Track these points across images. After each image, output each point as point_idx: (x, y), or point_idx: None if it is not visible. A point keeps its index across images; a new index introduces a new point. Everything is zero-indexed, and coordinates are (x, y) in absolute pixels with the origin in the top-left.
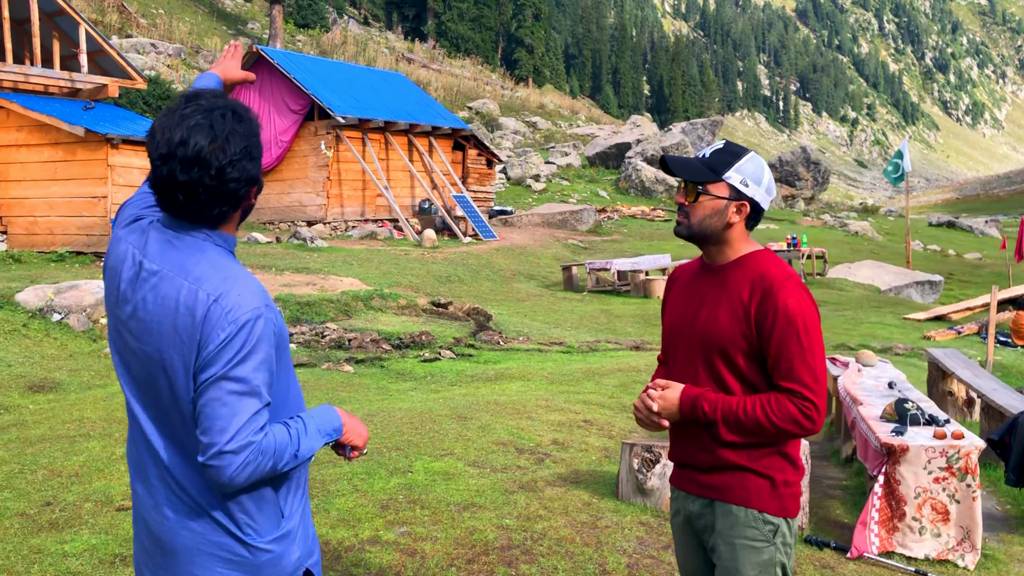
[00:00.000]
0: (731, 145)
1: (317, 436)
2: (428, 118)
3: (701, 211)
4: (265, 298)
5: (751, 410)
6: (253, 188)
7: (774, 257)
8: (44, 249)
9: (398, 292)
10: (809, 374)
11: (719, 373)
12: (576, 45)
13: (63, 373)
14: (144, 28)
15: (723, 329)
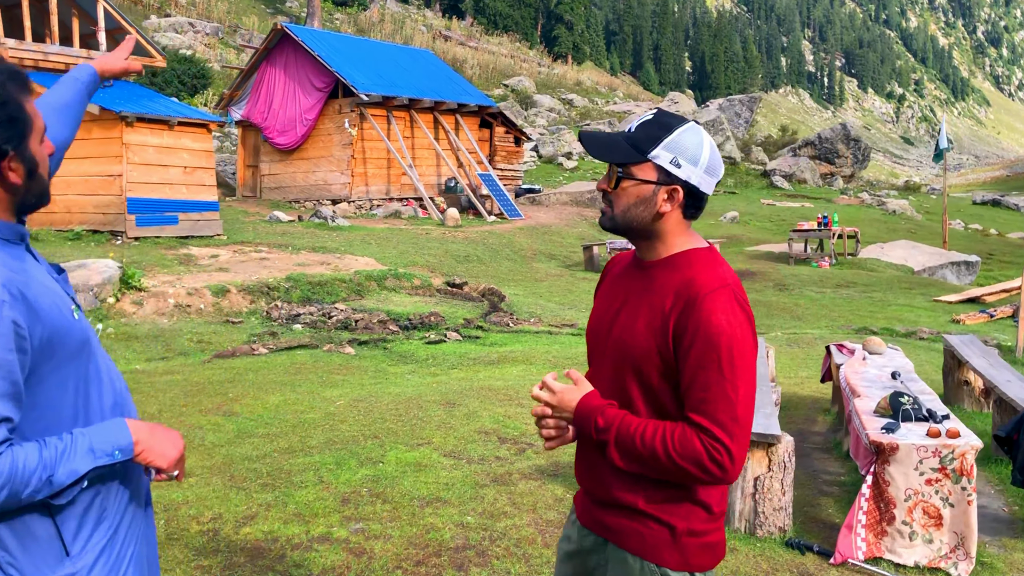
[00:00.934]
0: (663, 115)
1: (87, 457)
2: (454, 95)
3: (624, 199)
4: (1, 294)
5: (650, 438)
6: (4, 162)
7: (713, 258)
8: (62, 227)
9: (413, 272)
10: (727, 410)
11: (627, 391)
12: (617, 21)
13: None
14: (182, 7)
15: (638, 341)
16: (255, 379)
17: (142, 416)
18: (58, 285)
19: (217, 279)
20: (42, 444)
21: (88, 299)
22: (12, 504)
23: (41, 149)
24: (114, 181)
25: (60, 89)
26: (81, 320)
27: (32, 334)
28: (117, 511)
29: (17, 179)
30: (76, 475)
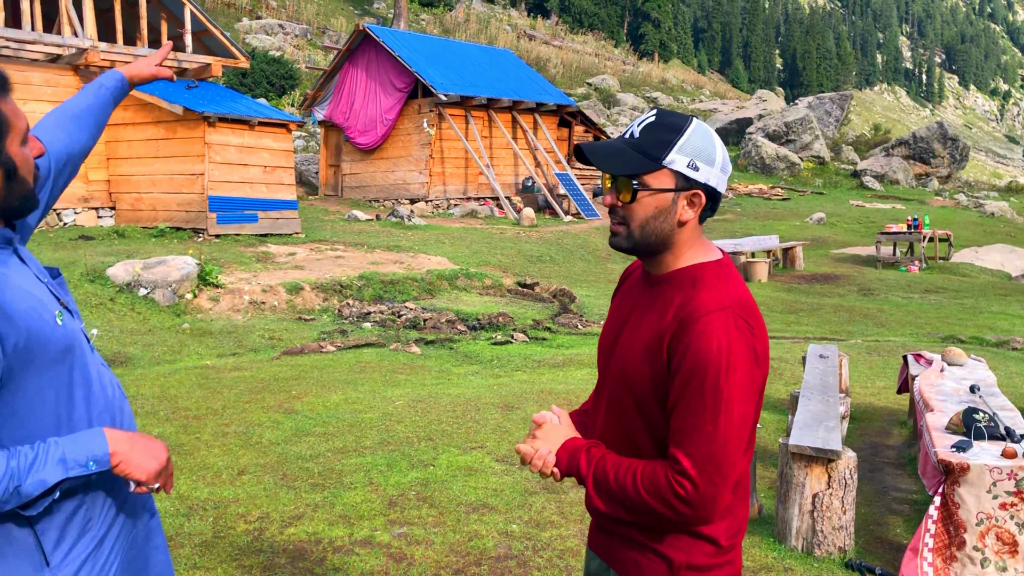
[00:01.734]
0: (667, 115)
1: (58, 467)
2: (533, 95)
3: (642, 212)
4: None
5: (622, 475)
6: None
7: (721, 274)
8: (148, 224)
9: (485, 272)
10: (702, 443)
11: (627, 421)
12: (705, 19)
13: (137, 348)
14: (273, 10)
15: (635, 364)
16: (319, 377)
17: (206, 412)
18: (45, 289)
19: (292, 277)
20: (11, 453)
21: (166, 295)
22: None
23: (23, 151)
24: (196, 180)
25: (82, 95)
26: (67, 325)
27: (5, 340)
28: (104, 521)
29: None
30: (45, 486)
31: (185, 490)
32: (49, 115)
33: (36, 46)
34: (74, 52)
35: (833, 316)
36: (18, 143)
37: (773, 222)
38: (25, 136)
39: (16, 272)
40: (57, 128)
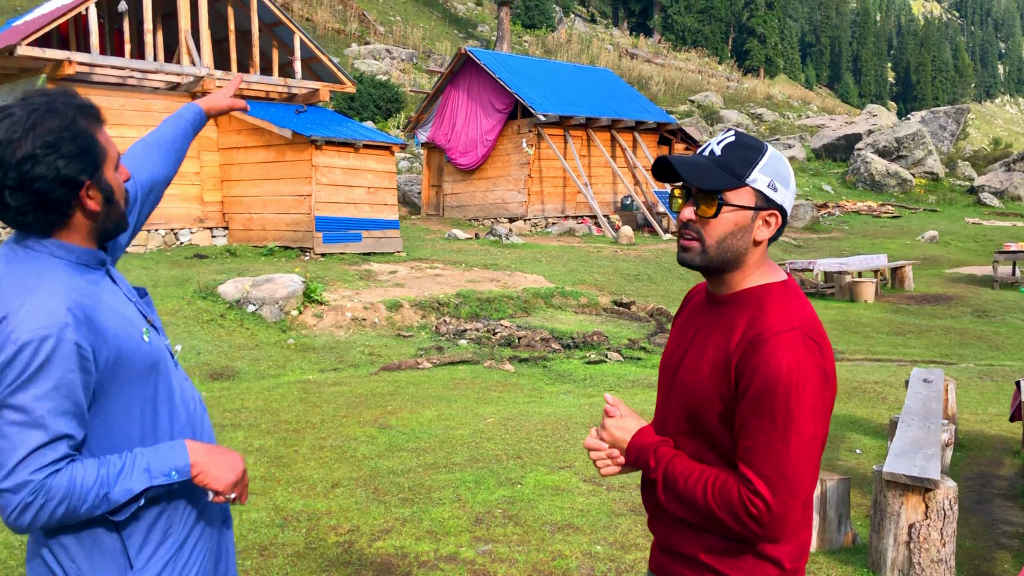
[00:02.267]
0: (744, 136)
1: (143, 476)
2: (632, 113)
3: (721, 228)
4: (65, 317)
5: (693, 483)
6: (82, 191)
7: (788, 294)
8: (258, 244)
9: (581, 290)
10: (773, 463)
11: (695, 439)
12: (813, 32)
13: (244, 362)
14: (381, 35)
15: (701, 382)
16: (414, 393)
17: (305, 425)
18: (134, 308)
19: (392, 294)
20: (101, 462)
21: (273, 311)
22: (70, 519)
23: (116, 176)
24: (304, 201)
25: (164, 127)
26: (152, 342)
27: (97, 355)
28: (183, 528)
29: (95, 206)
30: (131, 493)
31: (281, 501)
32: (136, 144)
33: (158, 75)
34: (191, 80)
35: (943, 338)
36: (112, 170)
37: (882, 240)
38: (117, 163)
39: (108, 292)
40: (144, 157)
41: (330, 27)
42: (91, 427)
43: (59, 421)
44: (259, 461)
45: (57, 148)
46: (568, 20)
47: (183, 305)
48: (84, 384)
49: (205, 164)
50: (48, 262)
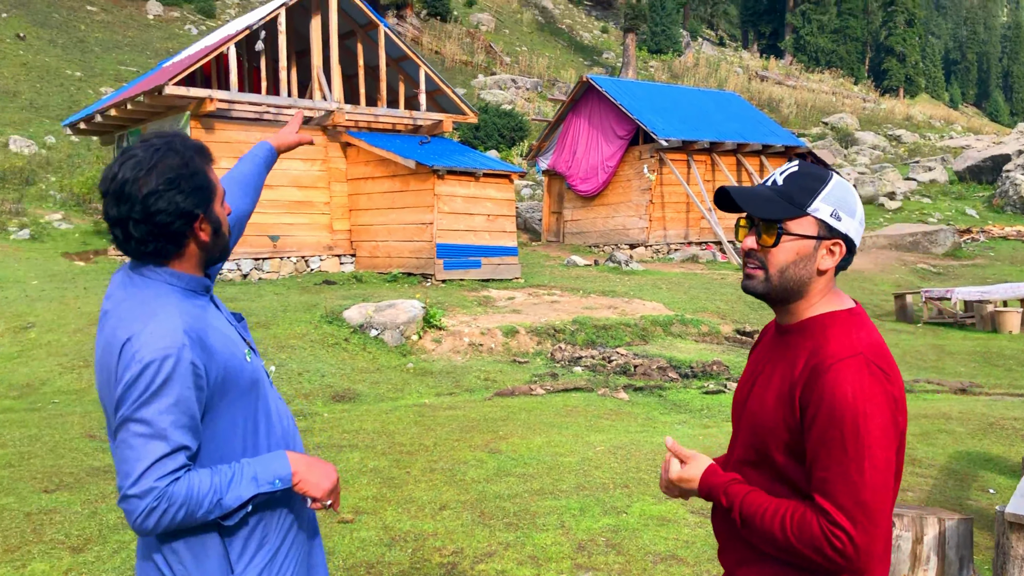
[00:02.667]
0: (808, 166)
1: (251, 484)
2: (759, 136)
3: (783, 257)
4: (182, 338)
5: (769, 519)
6: (196, 223)
7: (853, 321)
8: (383, 270)
9: (701, 318)
10: (849, 493)
11: (762, 469)
12: (958, 49)
13: (365, 385)
14: (507, 65)
15: (767, 413)
16: (526, 419)
17: (418, 448)
18: (235, 331)
19: (509, 320)
20: (214, 471)
21: (394, 336)
22: (188, 523)
23: (222, 211)
24: (426, 228)
25: (242, 166)
26: (253, 363)
27: (208, 374)
28: (278, 536)
29: (206, 237)
30: (241, 500)
31: (390, 521)
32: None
33: (291, 110)
34: (323, 114)
35: None
36: (219, 204)
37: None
38: (223, 199)
39: (213, 316)
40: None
41: (458, 59)
42: (202, 439)
43: (178, 433)
44: (372, 481)
45: (177, 184)
46: (695, 44)
47: (310, 329)
48: (198, 400)
49: (335, 194)
50: (163, 288)
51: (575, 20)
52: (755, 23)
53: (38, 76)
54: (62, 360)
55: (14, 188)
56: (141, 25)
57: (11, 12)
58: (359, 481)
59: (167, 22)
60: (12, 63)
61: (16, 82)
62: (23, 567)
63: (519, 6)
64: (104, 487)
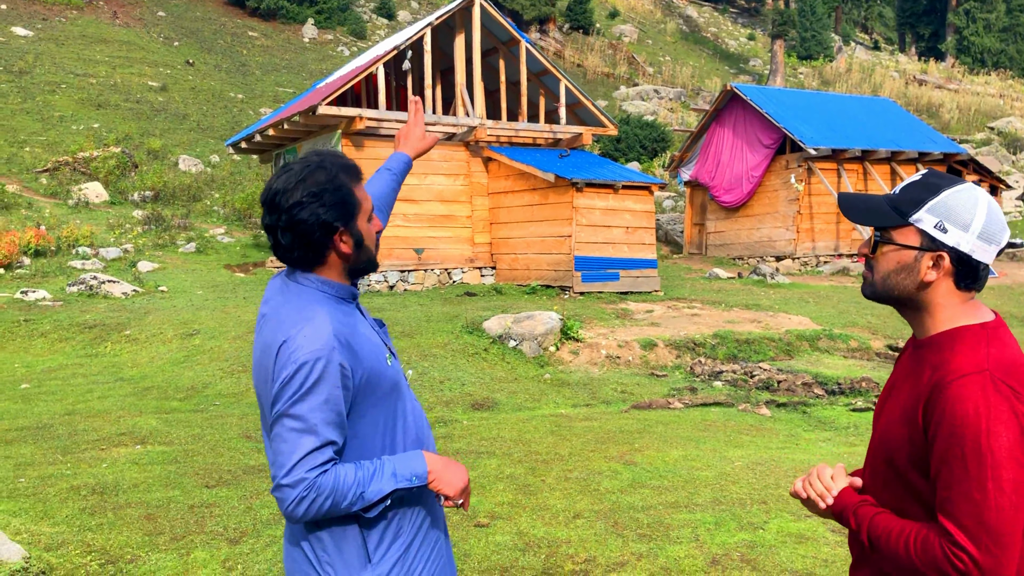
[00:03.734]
0: (932, 176)
1: (391, 479)
2: (915, 144)
3: (884, 265)
4: (332, 342)
5: (895, 540)
6: (336, 235)
7: (981, 337)
8: (522, 282)
9: (851, 333)
10: (972, 513)
11: (893, 487)
12: None
13: (503, 394)
14: (650, 76)
15: (895, 429)
16: (663, 432)
17: (553, 457)
18: (378, 336)
19: (647, 333)
20: (357, 466)
21: (532, 347)
22: (333, 512)
23: (368, 227)
24: (564, 241)
25: (377, 184)
26: (394, 367)
27: (354, 375)
28: (411, 531)
29: (347, 249)
30: (382, 493)
31: (525, 527)
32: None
33: (436, 127)
34: (466, 130)
35: None
36: (364, 220)
37: None
38: (370, 215)
39: (360, 322)
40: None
41: (599, 71)
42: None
43: (328, 429)
44: (508, 488)
45: (320, 198)
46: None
47: (452, 339)
48: (344, 399)
49: (476, 208)
50: (316, 295)
51: (720, 28)
52: (913, 24)
53: (205, 99)
54: (223, 365)
55: (182, 204)
56: (297, 48)
57: (182, 40)
58: (495, 487)
59: (321, 44)
60: (182, 87)
61: (185, 105)
62: (187, 555)
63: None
64: (258, 484)
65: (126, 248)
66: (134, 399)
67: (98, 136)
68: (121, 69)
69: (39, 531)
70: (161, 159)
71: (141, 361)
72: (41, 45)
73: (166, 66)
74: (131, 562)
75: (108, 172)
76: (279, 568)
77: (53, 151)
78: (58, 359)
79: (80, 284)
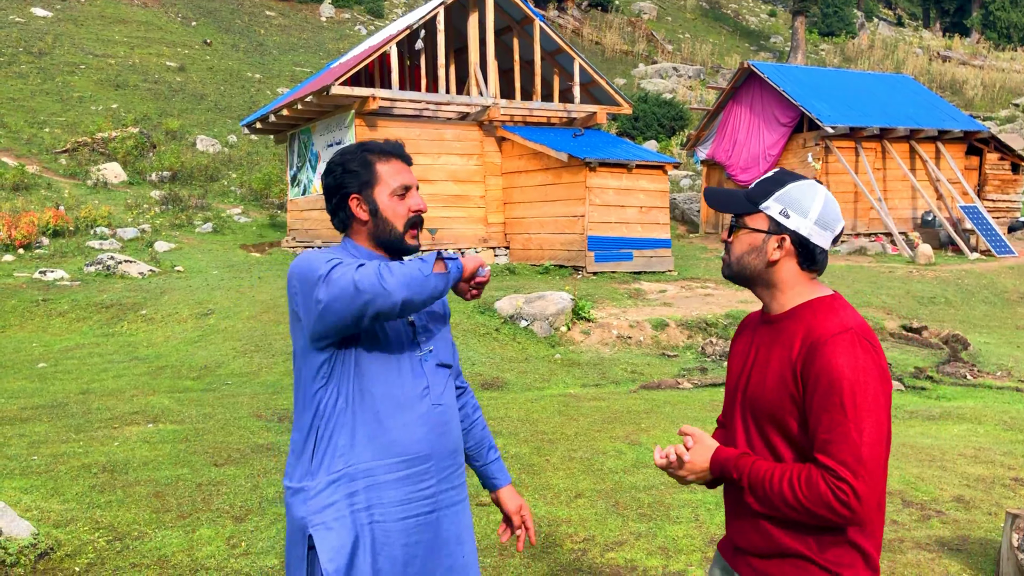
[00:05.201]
0: (781, 173)
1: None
2: (935, 121)
3: (739, 247)
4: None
5: (777, 481)
6: (350, 199)
7: (834, 306)
8: (535, 262)
9: (865, 313)
10: (850, 450)
11: (771, 442)
12: None
13: (513, 374)
14: (668, 53)
15: (771, 392)
16: (670, 412)
17: (559, 437)
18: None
19: (659, 313)
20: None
21: (543, 327)
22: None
23: (392, 202)
24: (578, 221)
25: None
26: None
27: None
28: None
29: (363, 215)
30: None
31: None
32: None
33: (450, 106)
34: (479, 110)
35: None
36: (386, 195)
37: None
38: (400, 191)
39: None
40: None
41: (618, 49)
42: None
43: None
44: (512, 467)
45: (343, 165)
46: (871, 25)
47: (463, 319)
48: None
49: (490, 188)
50: (340, 252)
51: (741, 4)
52: (938, 0)
53: (222, 79)
54: (236, 345)
55: (200, 184)
56: (315, 27)
57: (199, 20)
58: (510, 467)
59: (339, 23)
60: (200, 67)
61: (203, 85)
62: (193, 532)
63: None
64: (266, 463)
65: (143, 228)
66: (148, 378)
67: (116, 116)
68: (139, 49)
69: (49, 508)
70: (179, 139)
71: (156, 340)
72: (60, 26)
73: (184, 46)
74: (138, 539)
75: (126, 152)
76: (281, 546)
77: (72, 132)
78: (75, 338)
79: (97, 264)
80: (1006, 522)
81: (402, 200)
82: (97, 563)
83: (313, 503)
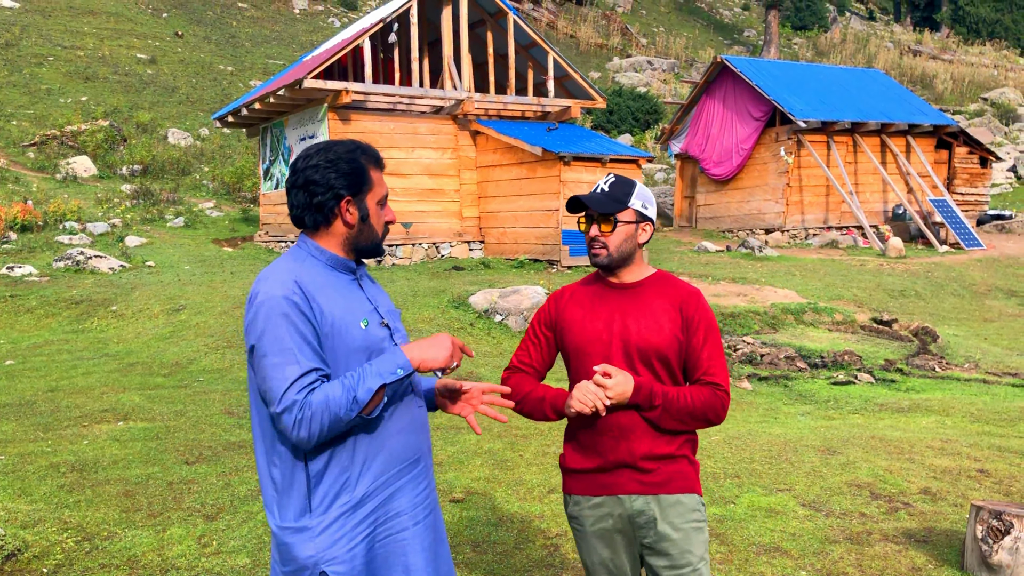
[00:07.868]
0: (621, 177)
1: (375, 377)
2: (905, 115)
3: (618, 238)
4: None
5: (688, 400)
6: (342, 203)
7: (673, 275)
8: (510, 256)
9: (836, 306)
10: (722, 368)
11: (657, 373)
12: None
13: (488, 369)
14: (643, 47)
15: (663, 337)
16: None
17: (533, 432)
18: (364, 305)
19: None
20: (342, 378)
21: (518, 321)
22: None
23: (378, 210)
24: (551, 215)
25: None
26: (369, 331)
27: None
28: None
29: (352, 220)
30: (371, 391)
31: (499, 502)
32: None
33: (424, 100)
34: (453, 103)
35: None
36: (375, 202)
37: None
38: (383, 200)
39: (343, 287)
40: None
41: (593, 42)
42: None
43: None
44: (485, 463)
45: (335, 165)
46: (843, 19)
47: (437, 314)
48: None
49: (464, 182)
50: (302, 256)
51: None
52: None
53: (194, 72)
54: (208, 341)
55: (171, 178)
56: (287, 19)
57: (171, 12)
58: (473, 462)
59: (312, 16)
60: (171, 60)
61: (175, 78)
62: (163, 531)
63: None
64: (237, 461)
65: (114, 223)
66: (118, 375)
67: (86, 109)
68: (109, 41)
69: (16, 508)
70: (150, 133)
71: (127, 337)
72: (27, 17)
73: (155, 38)
74: (107, 539)
75: (96, 146)
76: (253, 544)
77: (40, 125)
78: (44, 335)
79: (67, 259)
80: (971, 514)
81: (382, 210)
82: (66, 564)
83: (321, 540)
